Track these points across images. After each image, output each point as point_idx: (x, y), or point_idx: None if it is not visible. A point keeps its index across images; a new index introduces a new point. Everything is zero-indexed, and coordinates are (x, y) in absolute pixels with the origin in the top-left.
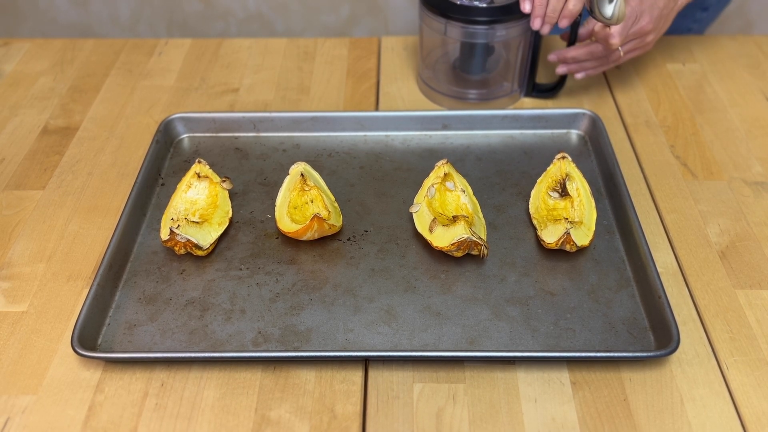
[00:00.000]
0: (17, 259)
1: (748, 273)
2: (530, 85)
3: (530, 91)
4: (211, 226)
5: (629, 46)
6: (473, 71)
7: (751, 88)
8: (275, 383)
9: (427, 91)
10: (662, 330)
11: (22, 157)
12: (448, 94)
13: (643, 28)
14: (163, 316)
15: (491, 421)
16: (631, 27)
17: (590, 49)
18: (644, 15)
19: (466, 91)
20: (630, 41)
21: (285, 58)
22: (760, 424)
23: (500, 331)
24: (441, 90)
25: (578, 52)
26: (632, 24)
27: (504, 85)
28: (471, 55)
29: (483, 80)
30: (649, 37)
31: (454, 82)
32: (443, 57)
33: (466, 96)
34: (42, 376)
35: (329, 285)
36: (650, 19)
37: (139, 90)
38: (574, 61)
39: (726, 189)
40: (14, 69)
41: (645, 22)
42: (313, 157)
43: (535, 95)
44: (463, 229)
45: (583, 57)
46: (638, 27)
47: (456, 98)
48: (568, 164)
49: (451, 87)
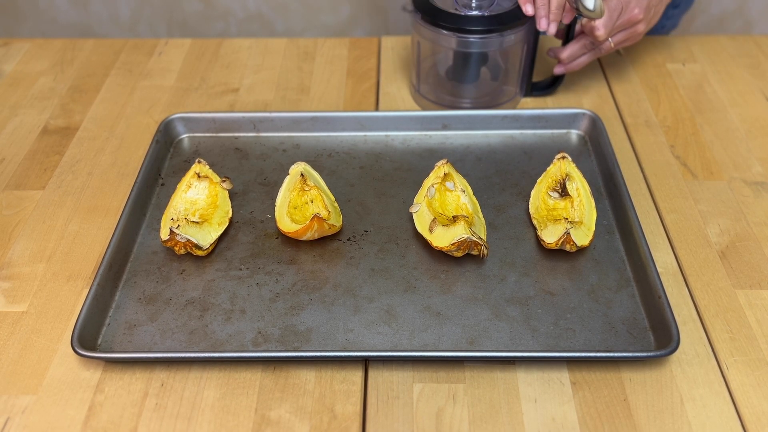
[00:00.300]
0: (17, 259)
1: (748, 273)
2: (528, 86)
3: (529, 92)
4: (211, 226)
5: (619, 37)
6: (467, 80)
7: (751, 88)
8: (275, 383)
9: (420, 100)
10: (662, 330)
11: (22, 157)
12: (442, 104)
13: (634, 18)
14: (163, 316)
15: (491, 421)
16: (619, 18)
17: (582, 42)
18: (633, 5)
19: (461, 100)
20: (620, 31)
21: (285, 58)
22: (760, 424)
23: (500, 331)
24: (434, 99)
25: (572, 49)
26: (618, 15)
27: (503, 89)
28: (465, 64)
29: (481, 87)
30: (639, 27)
31: (447, 91)
32: (436, 66)
33: (460, 105)
34: (42, 376)
35: (329, 285)
36: (640, 9)
37: (139, 90)
38: (570, 59)
39: (726, 189)
40: (14, 69)
41: (635, 12)
42: (313, 157)
43: (534, 94)
44: (463, 229)
45: (578, 52)
46: (627, 17)
47: (450, 108)
48: (568, 164)
49: (445, 96)
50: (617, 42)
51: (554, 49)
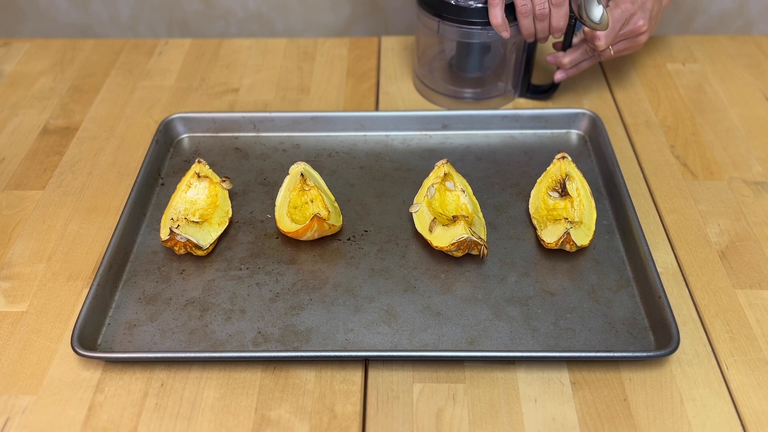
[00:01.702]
0: (17, 259)
1: (748, 273)
2: (525, 86)
3: (525, 92)
4: (211, 226)
5: (620, 46)
6: (470, 70)
7: (751, 88)
8: (275, 383)
9: (422, 89)
10: (662, 330)
11: (22, 157)
12: (444, 93)
13: (638, 29)
14: (163, 316)
15: (491, 421)
16: (622, 28)
17: (584, 48)
18: (637, 17)
19: (462, 90)
20: (622, 40)
21: (285, 58)
22: (760, 424)
23: (500, 331)
24: (437, 88)
25: (574, 56)
26: (622, 26)
27: (498, 85)
28: (468, 53)
29: (479, 79)
30: (642, 37)
31: (450, 80)
32: (439, 55)
33: (462, 94)
34: (42, 376)
35: (329, 285)
36: (644, 21)
37: (139, 90)
38: (571, 65)
39: (726, 189)
40: (14, 69)
41: (640, 24)
42: (313, 157)
43: (530, 96)
44: (463, 229)
45: (579, 59)
46: (631, 28)
47: (452, 97)
48: (568, 164)
49: (447, 86)
50: (618, 50)
51: (555, 55)
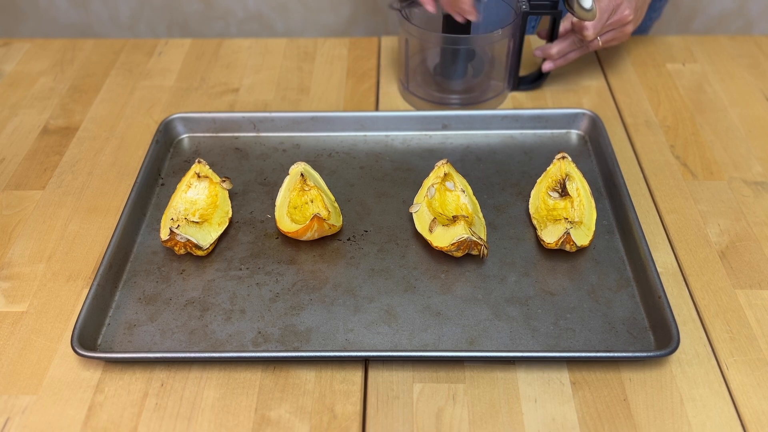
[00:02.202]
0: (17, 259)
1: (748, 273)
2: (515, 81)
3: (516, 86)
4: (211, 226)
5: (608, 36)
6: (455, 76)
7: (751, 88)
8: (275, 383)
9: (408, 97)
10: (662, 330)
11: (22, 157)
12: (431, 101)
13: (624, 18)
14: (163, 316)
15: (491, 421)
16: (609, 18)
17: (571, 39)
18: (624, 6)
19: (447, 96)
20: (609, 31)
21: (285, 58)
22: (760, 424)
23: (500, 331)
24: (423, 96)
25: (561, 46)
26: (609, 16)
27: (490, 85)
28: (453, 60)
29: (466, 84)
30: (628, 27)
31: (435, 87)
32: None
33: (448, 101)
34: (42, 376)
35: (329, 285)
36: (630, 10)
37: (139, 90)
38: (559, 55)
39: (726, 189)
40: (14, 69)
41: (626, 13)
42: (313, 157)
43: (522, 88)
44: (463, 229)
45: (567, 49)
46: (618, 17)
47: (439, 104)
48: (568, 164)
49: (434, 93)
50: (605, 41)
51: (542, 48)
